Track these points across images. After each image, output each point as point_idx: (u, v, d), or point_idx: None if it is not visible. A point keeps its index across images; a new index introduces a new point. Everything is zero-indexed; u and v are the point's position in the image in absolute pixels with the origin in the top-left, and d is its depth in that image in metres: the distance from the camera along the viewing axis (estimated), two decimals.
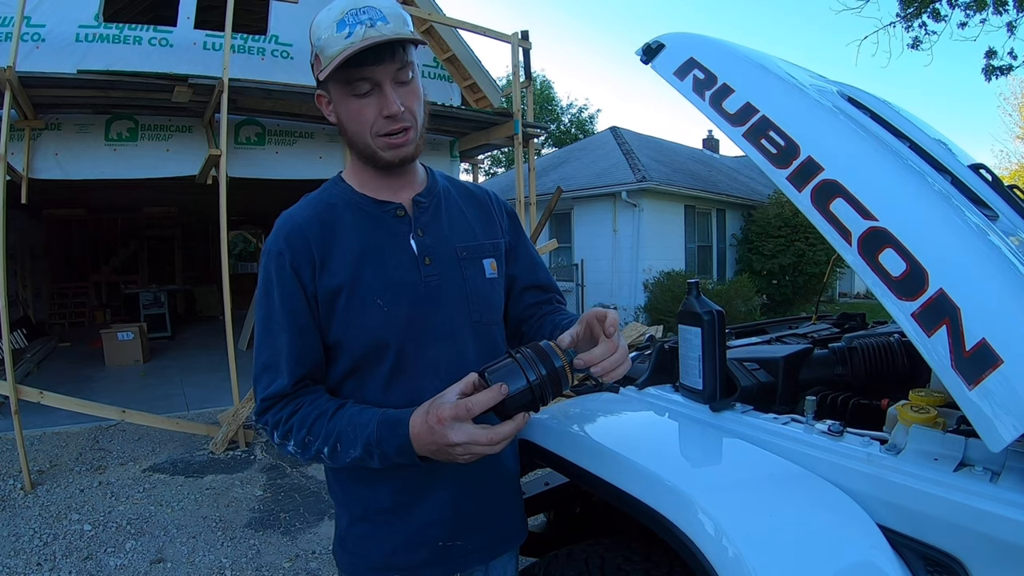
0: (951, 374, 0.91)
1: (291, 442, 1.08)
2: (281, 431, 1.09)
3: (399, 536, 1.18)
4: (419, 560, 1.18)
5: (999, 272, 0.95)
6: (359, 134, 1.11)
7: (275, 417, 1.10)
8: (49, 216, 12.15)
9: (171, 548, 3.47)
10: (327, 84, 1.10)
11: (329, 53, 1.04)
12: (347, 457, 1.05)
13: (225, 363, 5.31)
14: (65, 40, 5.62)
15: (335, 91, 1.09)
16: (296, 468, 4.76)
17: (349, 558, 1.22)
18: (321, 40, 1.05)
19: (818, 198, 1.09)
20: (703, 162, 18.25)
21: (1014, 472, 0.95)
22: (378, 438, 1.02)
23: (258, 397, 1.12)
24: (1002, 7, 8.98)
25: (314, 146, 6.94)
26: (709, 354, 1.35)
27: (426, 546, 1.18)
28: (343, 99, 1.09)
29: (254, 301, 0.97)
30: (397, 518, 1.18)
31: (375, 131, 1.10)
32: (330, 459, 1.07)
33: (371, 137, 1.10)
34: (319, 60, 1.07)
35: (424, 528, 1.18)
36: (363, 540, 1.20)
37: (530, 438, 1.41)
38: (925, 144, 1.44)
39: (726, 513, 0.99)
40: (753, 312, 12.50)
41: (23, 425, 4.37)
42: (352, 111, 1.09)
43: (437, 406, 0.95)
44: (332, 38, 1.03)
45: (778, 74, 1.29)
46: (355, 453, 1.04)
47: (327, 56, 1.04)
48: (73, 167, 5.76)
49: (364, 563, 1.20)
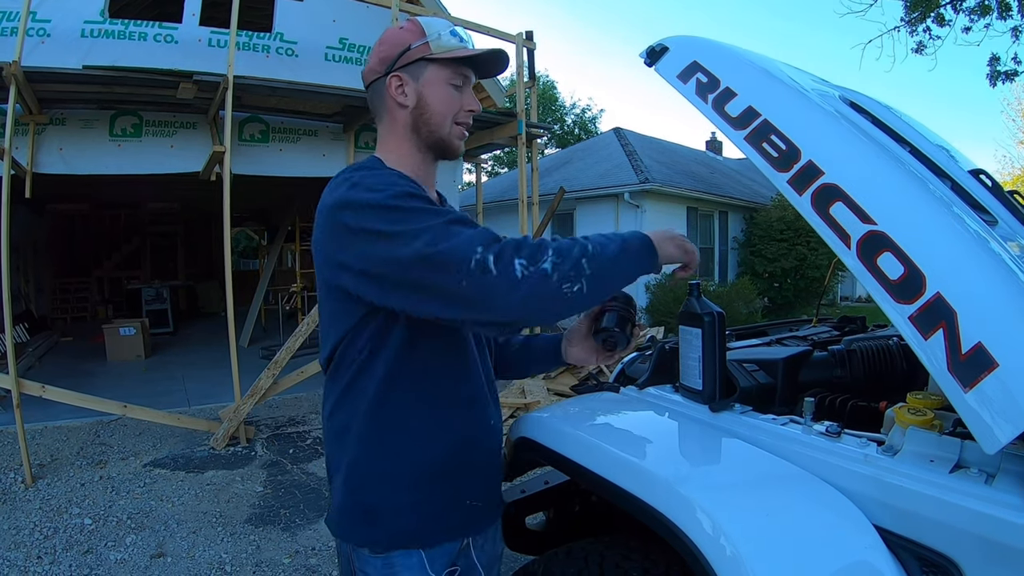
0: (947, 377, 0.92)
1: (548, 254, 0.99)
2: (529, 250, 0.99)
3: (441, 501, 1.20)
4: (455, 523, 1.22)
5: (996, 277, 0.96)
6: (442, 116, 1.23)
7: (518, 240, 1.02)
8: (52, 211, 12.17)
9: (171, 543, 3.49)
10: (418, 68, 1.21)
11: (449, 44, 1.21)
12: (605, 256, 1.03)
13: (227, 359, 5.32)
14: (70, 35, 5.63)
15: (433, 75, 1.21)
16: (297, 465, 4.78)
17: (384, 531, 1.19)
18: (437, 35, 1.21)
19: (818, 202, 1.10)
20: (706, 164, 18.25)
21: (1009, 474, 0.96)
22: (628, 235, 1.11)
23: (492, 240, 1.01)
24: (1006, 12, 8.98)
25: (318, 144, 6.96)
26: (709, 355, 1.36)
27: (460, 510, 1.23)
28: (438, 84, 1.22)
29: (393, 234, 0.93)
30: (445, 481, 1.20)
31: (456, 118, 1.24)
32: (590, 262, 1.01)
33: (451, 124, 1.24)
34: (428, 46, 1.20)
35: (463, 490, 1.23)
36: (411, 509, 1.19)
37: (531, 436, 1.42)
38: (926, 149, 1.45)
39: (724, 512, 1.00)
40: (754, 314, 12.51)
41: (24, 419, 4.39)
42: (444, 95, 1.22)
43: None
44: (449, 38, 1.21)
45: (781, 78, 1.30)
46: (613, 247, 1.06)
47: (444, 47, 1.20)
48: (77, 162, 5.77)
49: (407, 533, 1.18)
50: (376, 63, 1.24)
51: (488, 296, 0.96)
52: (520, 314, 0.99)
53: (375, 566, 1.19)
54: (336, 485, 1.24)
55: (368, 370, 1.18)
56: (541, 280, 0.96)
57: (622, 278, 1.09)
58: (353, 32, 6.86)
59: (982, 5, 9.06)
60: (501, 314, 0.98)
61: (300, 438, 5.43)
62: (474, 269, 0.95)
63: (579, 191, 13.52)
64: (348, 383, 1.20)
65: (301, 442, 5.33)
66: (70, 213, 12.93)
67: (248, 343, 9.40)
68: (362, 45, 6.94)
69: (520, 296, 0.96)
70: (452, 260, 0.96)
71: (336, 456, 1.24)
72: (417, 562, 1.17)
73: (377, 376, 1.17)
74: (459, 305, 0.98)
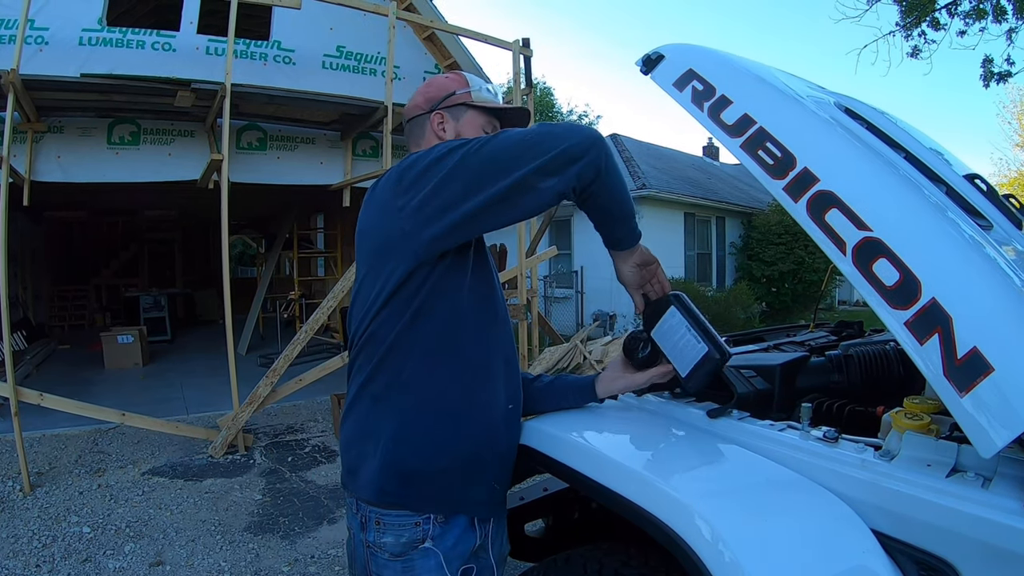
0: (943, 382, 0.93)
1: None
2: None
3: (473, 472, 1.29)
4: (481, 498, 1.31)
5: (991, 281, 0.97)
6: None
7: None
8: (50, 219, 12.15)
9: (170, 551, 3.47)
10: (459, 111, 1.43)
11: (486, 97, 1.46)
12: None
13: (225, 367, 5.31)
14: (68, 43, 5.63)
15: (471, 119, 1.43)
16: (295, 473, 4.76)
17: (417, 493, 1.25)
18: (478, 88, 1.46)
19: (814, 209, 1.11)
20: (703, 170, 18.28)
21: (1005, 478, 0.96)
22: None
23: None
24: (1001, 16, 9.03)
25: (315, 151, 6.96)
26: (694, 320, 1.34)
27: (485, 485, 1.32)
28: (474, 126, 1.43)
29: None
30: (478, 455, 1.30)
31: None
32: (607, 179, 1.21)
33: None
34: (469, 95, 1.44)
35: (488, 469, 1.32)
36: (445, 474, 1.26)
37: (529, 443, 1.43)
38: (921, 155, 1.46)
39: (723, 518, 1.00)
40: (752, 319, 12.52)
41: (23, 427, 4.37)
42: (477, 136, 1.37)
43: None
44: (486, 93, 1.47)
45: (776, 86, 1.31)
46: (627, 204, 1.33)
47: (483, 99, 1.45)
48: (75, 170, 5.77)
49: (436, 497, 1.26)
50: (422, 101, 1.45)
51: (586, 137, 1.18)
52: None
53: (394, 569, 1.22)
54: (369, 450, 1.26)
55: (420, 324, 1.24)
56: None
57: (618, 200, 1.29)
58: (350, 40, 6.87)
59: (977, 9, 9.11)
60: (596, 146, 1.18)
61: (299, 446, 5.42)
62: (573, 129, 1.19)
63: None
64: (396, 338, 1.24)
65: (300, 450, 5.31)
66: (68, 221, 12.91)
67: (246, 351, 9.38)
68: (359, 53, 6.96)
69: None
70: (551, 135, 1.18)
71: (372, 419, 1.27)
72: (435, 563, 1.22)
73: (434, 330, 1.25)
74: (566, 160, 1.15)
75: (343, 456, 1.35)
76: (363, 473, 1.27)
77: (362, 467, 1.27)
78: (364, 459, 1.27)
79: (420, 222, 1.17)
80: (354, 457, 1.30)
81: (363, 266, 1.32)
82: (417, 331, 1.24)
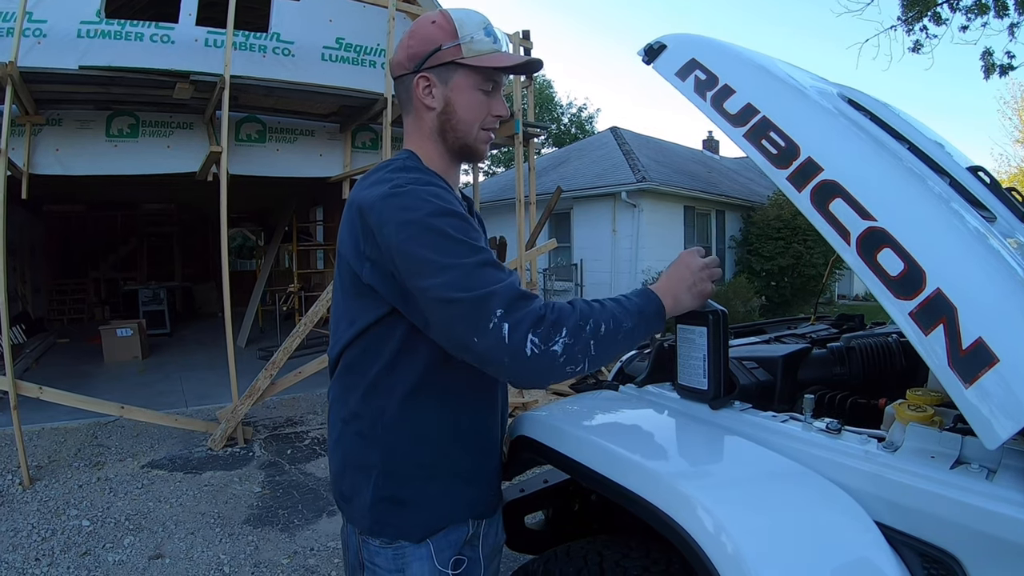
0: (948, 372, 0.92)
1: (561, 335, 1.02)
2: (545, 329, 1.01)
3: (469, 488, 1.26)
4: (482, 506, 1.29)
5: (996, 272, 0.96)
6: (469, 123, 1.22)
7: (538, 314, 1.03)
8: (49, 212, 12.13)
9: (169, 544, 3.48)
10: (447, 71, 1.18)
11: (481, 48, 1.18)
12: (617, 334, 1.09)
13: (224, 360, 5.31)
14: (67, 36, 5.60)
15: (463, 80, 1.19)
16: (295, 465, 4.77)
17: (416, 521, 1.20)
18: (469, 37, 1.17)
19: (817, 198, 1.10)
20: (703, 163, 18.26)
21: (1010, 469, 0.96)
22: (645, 302, 1.16)
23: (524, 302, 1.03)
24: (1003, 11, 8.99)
25: (315, 144, 6.95)
26: (714, 353, 1.32)
27: (479, 494, 1.30)
28: (467, 89, 1.20)
29: (433, 263, 0.98)
30: (471, 471, 1.26)
31: (483, 124, 1.23)
32: (599, 344, 1.06)
33: (477, 130, 1.23)
34: (459, 48, 1.17)
35: (482, 476, 1.30)
36: (443, 497, 1.22)
37: (529, 435, 1.42)
38: (924, 146, 1.45)
39: (725, 509, 0.99)
40: (752, 313, 12.51)
41: (22, 420, 4.37)
42: (473, 101, 1.20)
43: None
44: (482, 39, 1.18)
45: (779, 75, 1.30)
46: (628, 324, 1.11)
47: (476, 51, 1.17)
48: (73, 163, 5.76)
49: (437, 520, 1.21)
50: (404, 58, 1.21)
51: (494, 359, 1.01)
52: (519, 380, 1.05)
53: (385, 557, 1.19)
54: (361, 481, 1.21)
55: (403, 364, 1.17)
56: (549, 360, 1.01)
57: (626, 350, 1.16)
58: (350, 32, 6.84)
59: (979, 4, 9.07)
60: (502, 374, 1.05)
61: (298, 438, 5.42)
62: (489, 332, 0.99)
63: (576, 190, 13.53)
64: (377, 377, 1.17)
65: (299, 442, 5.32)
66: (67, 214, 12.88)
67: (245, 344, 9.37)
68: (359, 45, 6.92)
69: (525, 369, 1.01)
70: (470, 315, 0.99)
71: (360, 453, 1.21)
72: (426, 552, 1.19)
73: (416, 370, 1.17)
74: (463, 350, 1.04)
75: (334, 483, 1.29)
76: (357, 504, 1.22)
77: (355, 497, 1.22)
78: (357, 490, 1.22)
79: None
80: (347, 487, 1.24)
81: (339, 281, 1.22)
82: (399, 373, 1.16)
